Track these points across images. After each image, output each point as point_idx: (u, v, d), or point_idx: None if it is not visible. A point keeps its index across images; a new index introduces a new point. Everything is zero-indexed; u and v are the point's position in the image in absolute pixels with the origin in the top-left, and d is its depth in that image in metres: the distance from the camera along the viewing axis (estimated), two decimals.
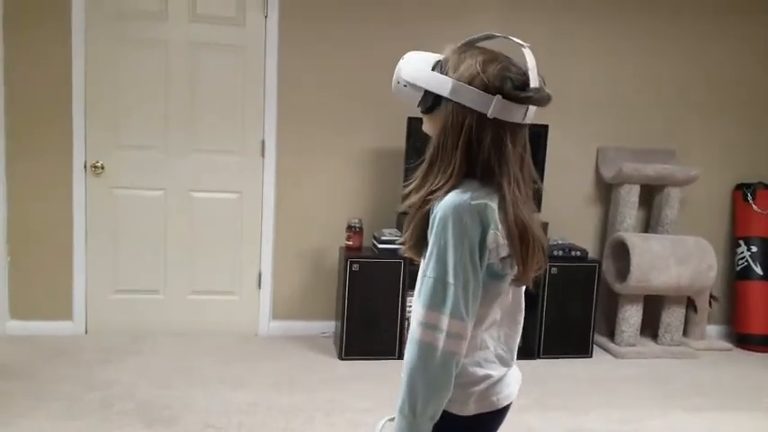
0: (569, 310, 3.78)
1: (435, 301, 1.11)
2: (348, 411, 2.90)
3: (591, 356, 3.84)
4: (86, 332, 3.77)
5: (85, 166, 3.68)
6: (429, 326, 1.11)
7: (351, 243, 3.68)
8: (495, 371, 1.23)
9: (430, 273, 1.12)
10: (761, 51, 4.32)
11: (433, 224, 1.14)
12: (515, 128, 1.17)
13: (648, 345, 4.04)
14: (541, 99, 1.17)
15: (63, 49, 3.57)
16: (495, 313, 1.21)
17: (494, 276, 1.16)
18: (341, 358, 3.56)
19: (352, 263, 3.51)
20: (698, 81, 4.26)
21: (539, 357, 3.77)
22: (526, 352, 3.79)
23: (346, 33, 3.84)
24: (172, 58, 3.71)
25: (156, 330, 3.81)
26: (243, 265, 3.91)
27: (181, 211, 3.81)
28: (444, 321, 1.10)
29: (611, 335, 4.09)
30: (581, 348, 3.85)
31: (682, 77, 4.24)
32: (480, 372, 1.21)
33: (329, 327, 3.94)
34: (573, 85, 4.11)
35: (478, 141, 1.15)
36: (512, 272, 1.18)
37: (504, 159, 1.16)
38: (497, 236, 1.12)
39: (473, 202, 1.12)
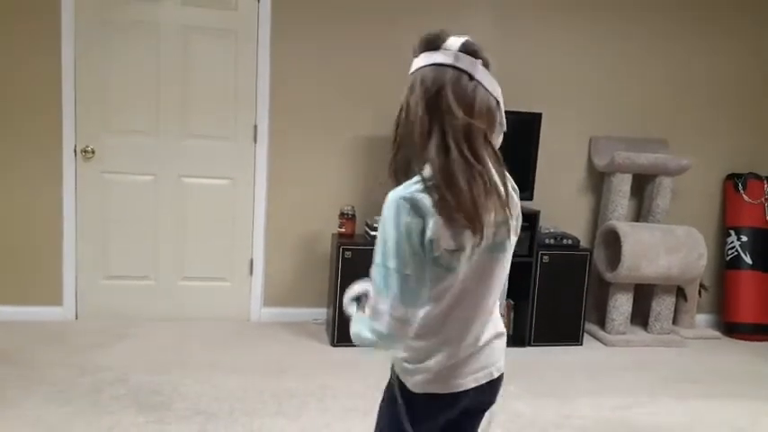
0: (560, 299, 3.80)
1: (380, 287, 1.17)
2: (340, 397, 2.91)
3: (581, 344, 3.87)
4: (76, 318, 3.75)
5: (75, 151, 3.64)
6: (376, 310, 1.18)
7: (343, 230, 3.67)
8: (444, 359, 1.26)
9: (375, 259, 1.19)
10: (753, 44, 4.32)
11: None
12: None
13: (638, 333, 4.07)
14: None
15: (52, 33, 3.52)
16: (449, 302, 1.23)
17: (443, 268, 1.19)
18: (333, 345, 3.56)
19: (344, 250, 3.51)
20: (690, 72, 4.27)
21: (530, 345, 3.80)
22: (517, 340, 3.81)
23: (340, 17, 3.81)
24: (163, 42, 3.66)
25: (146, 316, 3.80)
26: (234, 252, 3.89)
27: (172, 197, 3.78)
28: (387, 305, 1.16)
29: (601, 323, 4.12)
30: (572, 336, 3.87)
31: (674, 68, 4.24)
32: (428, 358, 1.26)
33: (321, 314, 3.94)
34: (566, 74, 4.10)
35: None
36: (463, 264, 1.19)
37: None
38: (438, 225, 1.14)
39: (407, 193, 1.16)
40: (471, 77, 1.19)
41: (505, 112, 1.27)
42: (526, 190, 3.85)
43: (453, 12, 3.83)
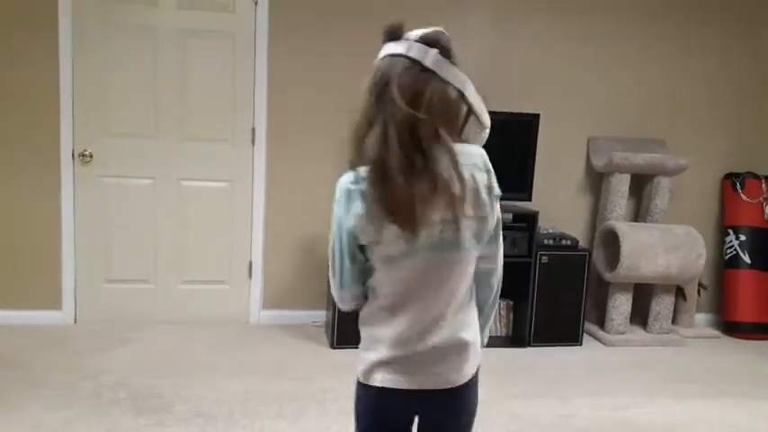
0: (559, 299, 3.80)
1: (330, 262, 1.30)
2: (340, 399, 2.90)
3: (581, 344, 3.87)
4: (76, 322, 3.75)
5: (74, 155, 3.64)
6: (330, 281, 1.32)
7: None
8: (383, 353, 1.25)
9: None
10: (749, 45, 4.33)
11: None
12: None
13: (638, 333, 4.08)
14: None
15: (50, 37, 3.52)
16: (391, 298, 1.23)
17: (370, 260, 1.23)
18: (332, 347, 3.56)
19: None
20: (687, 72, 4.27)
21: (529, 346, 3.80)
22: (516, 340, 3.81)
23: (338, 19, 3.82)
24: (161, 45, 3.67)
25: (146, 320, 3.79)
26: (233, 254, 3.89)
27: (171, 200, 3.78)
28: (331, 279, 1.30)
29: (600, 323, 4.12)
30: (571, 336, 3.87)
31: (671, 69, 4.25)
32: (366, 350, 1.30)
33: (320, 316, 3.94)
34: (564, 75, 4.10)
35: None
36: (385, 253, 1.19)
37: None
38: (360, 217, 1.17)
39: (344, 181, 1.22)
40: (424, 68, 1.14)
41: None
42: (524, 191, 3.85)
43: (452, 13, 3.84)
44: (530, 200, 3.87)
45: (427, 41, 1.15)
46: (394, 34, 1.18)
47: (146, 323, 3.77)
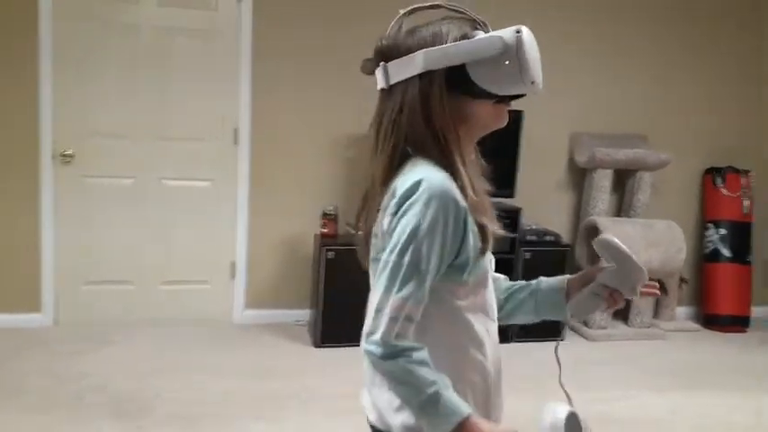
0: None
1: None
2: (324, 399, 2.91)
3: (564, 340, 3.90)
4: (56, 324, 3.71)
5: (54, 155, 3.60)
6: None
7: (326, 230, 3.66)
8: None
9: None
10: (730, 43, 4.37)
11: None
12: None
13: (620, 327, 4.11)
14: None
15: (30, 35, 3.47)
16: None
17: None
18: (316, 346, 3.56)
19: (327, 250, 3.50)
20: (668, 68, 4.30)
21: (512, 341, 3.82)
22: (500, 336, 3.82)
23: (322, 17, 3.79)
24: (142, 44, 3.63)
25: (127, 322, 3.76)
26: (216, 254, 3.87)
27: (152, 200, 3.75)
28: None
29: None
30: (554, 332, 3.88)
31: (653, 65, 4.28)
32: None
33: (304, 315, 3.93)
34: (546, 71, 4.08)
35: None
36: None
37: None
38: None
39: None
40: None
41: None
42: (508, 187, 3.87)
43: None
44: (513, 196, 3.88)
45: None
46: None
47: (127, 325, 3.74)
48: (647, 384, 3.28)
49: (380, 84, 1.08)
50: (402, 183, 1.02)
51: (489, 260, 1.15)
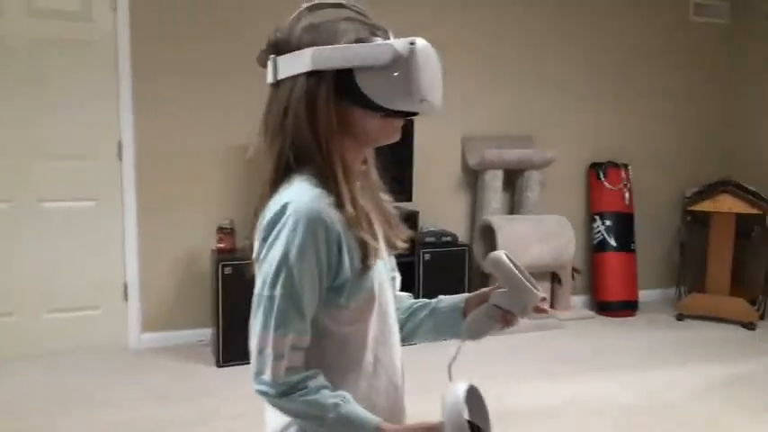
0: (444, 293, 3.87)
1: None
2: (226, 419, 2.82)
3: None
4: None
5: None
6: None
7: (222, 245, 3.56)
8: None
9: None
10: (603, 38, 4.65)
11: None
12: None
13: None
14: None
15: None
16: None
17: None
18: (218, 365, 3.45)
19: (224, 266, 3.40)
20: (550, 68, 4.53)
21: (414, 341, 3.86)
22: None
23: (207, 22, 3.70)
24: (11, 57, 3.40)
25: (10, 356, 3.48)
26: (106, 277, 3.67)
27: (31, 224, 3.51)
28: None
29: None
30: None
31: (536, 67, 4.48)
32: None
33: (205, 334, 3.80)
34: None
35: None
36: None
37: None
38: None
39: None
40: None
41: None
42: (404, 192, 3.92)
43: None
44: (410, 200, 3.94)
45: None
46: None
47: (10, 359, 3.46)
48: (542, 373, 3.42)
49: (269, 78, 1.04)
50: (271, 206, 0.98)
51: (390, 279, 1.13)
